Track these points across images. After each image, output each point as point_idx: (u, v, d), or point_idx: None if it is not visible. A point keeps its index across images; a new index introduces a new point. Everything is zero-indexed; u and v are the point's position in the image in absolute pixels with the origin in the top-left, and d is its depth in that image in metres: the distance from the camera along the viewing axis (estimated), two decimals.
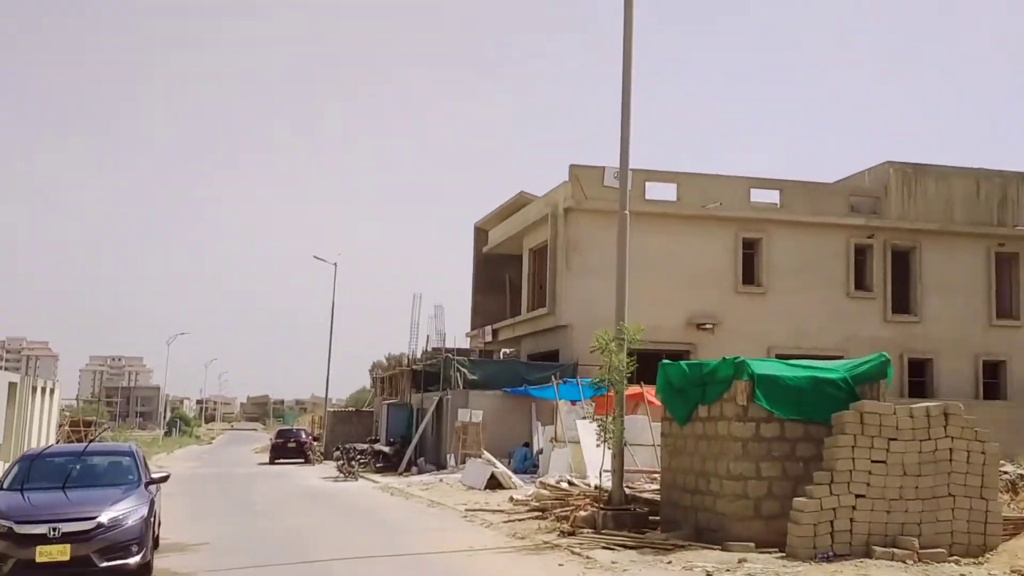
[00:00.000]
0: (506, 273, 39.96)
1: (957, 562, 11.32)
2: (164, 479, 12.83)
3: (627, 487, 15.78)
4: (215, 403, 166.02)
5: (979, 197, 34.44)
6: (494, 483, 22.40)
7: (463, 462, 26.36)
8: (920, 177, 34.29)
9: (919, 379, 33.03)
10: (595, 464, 18.28)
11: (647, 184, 31.70)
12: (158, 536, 13.14)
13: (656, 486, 17.27)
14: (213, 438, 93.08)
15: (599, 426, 15.38)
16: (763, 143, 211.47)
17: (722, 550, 12.21)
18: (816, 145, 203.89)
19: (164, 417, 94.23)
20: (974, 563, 11.33)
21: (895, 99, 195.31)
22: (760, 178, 34.06)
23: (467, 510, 18.48)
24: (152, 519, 11.50)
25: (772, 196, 33.62)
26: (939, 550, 11.55)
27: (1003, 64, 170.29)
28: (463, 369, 30.75)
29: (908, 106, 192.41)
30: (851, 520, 11.73)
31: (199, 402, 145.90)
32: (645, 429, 21.45)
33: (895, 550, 11.44)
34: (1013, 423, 25.83)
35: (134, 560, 10.60)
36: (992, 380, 33.80)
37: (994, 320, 33.83)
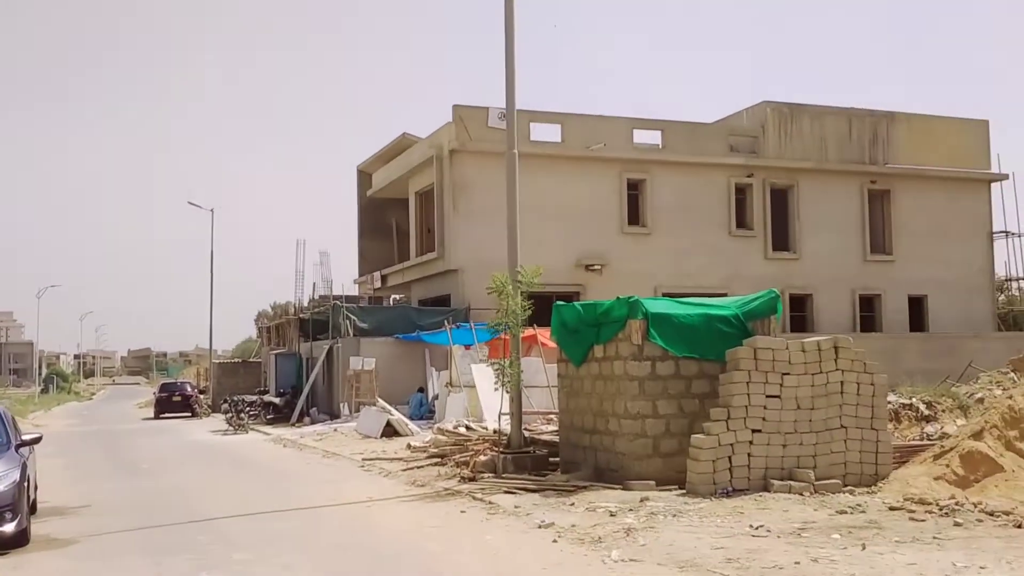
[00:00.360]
0: (392, 217, 39.26)
1: (851, 492, 11.66)
2: (36, 440, 12.04)
3: (525, 430, 15.74)
4: (94, 358, 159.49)
5: (851, 136, 35.58)
6: (390, 431, 22.10)
7: (357, 411, 25.95)
8: (796, 116, 35.14)
9: (799, 314, 34.23)
10: (492, 408, 18.23)
11: (532, 125, 31.43)
12: (35, 501, 12.46)
13: (553, 427, 17.33)
14: (93, 394, 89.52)
15: (497, 369, 15.23)
16: (643, 84, 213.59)
17: (623, 489, 12.28)
18: (695, 85, 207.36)
19: (39, 374, 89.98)
20: (867, 492, 11.69)
21: (770, 38, 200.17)
22: (642, 119, 34.24)
23: (364, 459, 18.14)
24: (26, 483, 10.81)
25: (654, 137, 33.94)
26: (834, 481, 11.89)
27: (873, 5, 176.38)
28: (353, 317, 30.16)
29: (783, 45, 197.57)
30: (748, 455, 11.93)
31: (77, 357, 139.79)
32: (539, 371, 21.53)
33: (792, 483, 11.71)
34: (888, 354, 26.87)
35: (9, 527, 9.99)
36: (868, 313, 35.32)
37: (868, 255, 35.24)
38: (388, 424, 22.23)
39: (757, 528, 9.67)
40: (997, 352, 27.50)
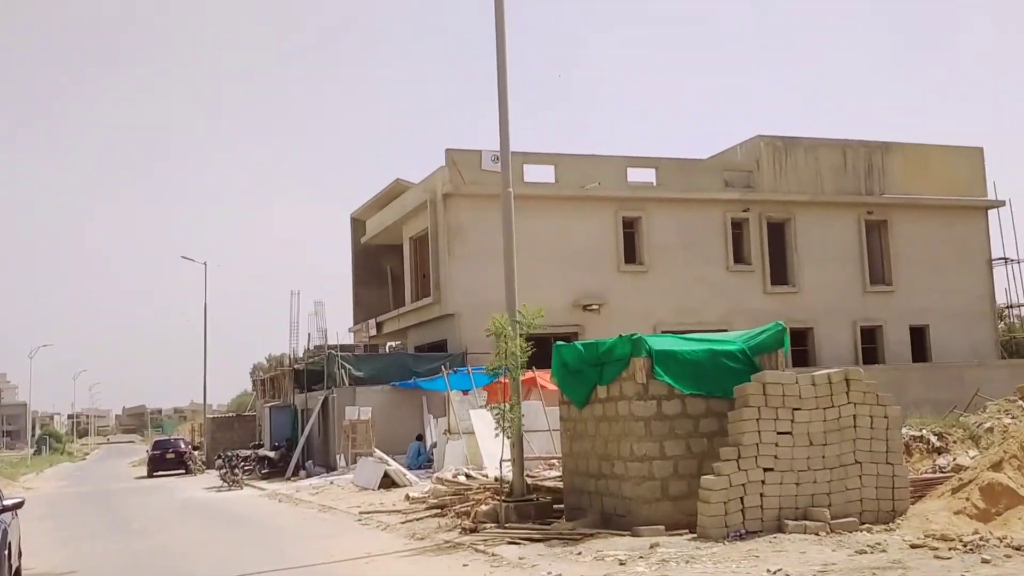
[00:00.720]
0: (387, 264, 39.06)
1: (869, 530, 11.14)
2: (19, 505, 11.52)
3: (527, 476, 15.25)
4: (88, 417, 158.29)
5: (846, 167, 35.46)
6: (388, 482, 21.51)
7: (354, 462, 25.37)
8: (790, 149, 35.03)
9: (801, 348, 33.73)
10: (492, 454, 17.74)
11: (525, 166, 31.33)
12: (18, 568, 11.92)
13: (556, 473, 16.83)
14: (87, 454, 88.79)
15: (496, 414, 14.77)
16: (637, 121, 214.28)
17: (632, 536, 11.78)
18: (688, 122, 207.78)
19: (32, 435, 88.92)
20: (886, 530, 11.17)
21: (762, 73, 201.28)
22: (636, 157, 34.16)
23: (361, 512, 17.58)
24: (7, 551, 10.30)
25: (649, 175, 33.83)
26: (850, 519, 11.36)
27: (863, 34, 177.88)
28: (348, 365, 29.73)
29: (775, 79, 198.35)
30: (761, 495, 11.43)
31: (71, 417, 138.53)
32: (540, 414, 21.05)
33: (807, 523, 11.19)
34: (893, 385, 26.26)
35: None
36: (870, 345, 34.90)
37: (868, 286, 34.91)
38: (386, 475, 21.65)
39: (775, 572, 9.18)
40: (1002, 380, 27.10)
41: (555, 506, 14.26)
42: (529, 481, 15.05)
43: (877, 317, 34.90)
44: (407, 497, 18.31)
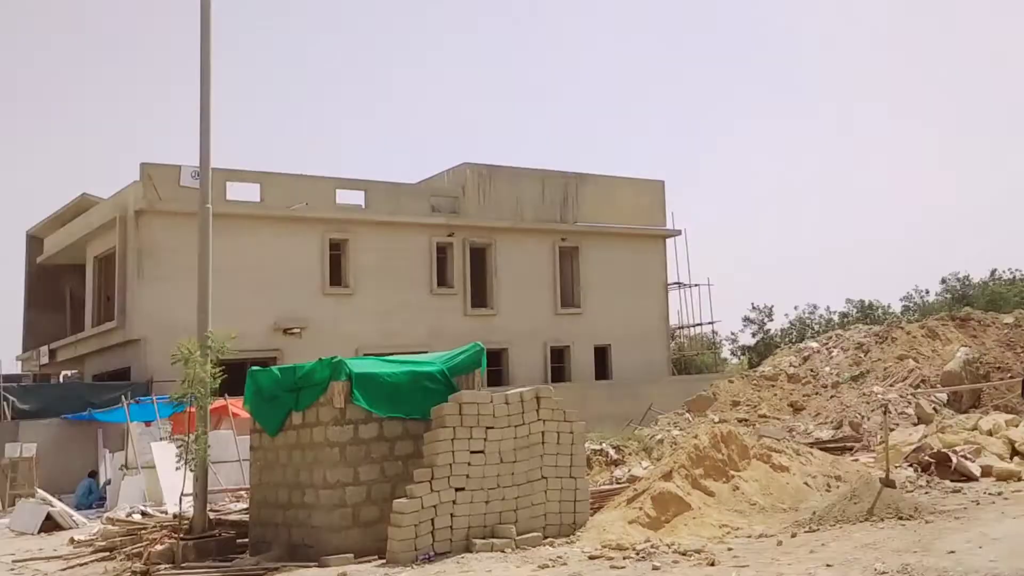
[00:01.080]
0: (67, 286, 35.74)
1: (552, 544, 11.41)
2: None
3: (212, 510, 14.26)
4: None
5: (544, 196, 37.20)
6: (51, 525, 19.13)
7: (13, 504, 22.55)
8: (494, 177, 36.23)
9: (496, 368, 34.72)
10: (174, 489, 16.40)
11: (228, 184, 30.00)
12: None
13: (243, 505, 15.91)
14: None
15: (180, 446, 13.66)
16: (347, 144, 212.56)
17: (318, 567, 11.27)
18: (398, 147, 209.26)
19: None
20: (567, 542, 11.49)
21: (472, 98, 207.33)
22: (346, 179, 33.98)
23: (15, 561, 15.43)
24: None
25: (358, 197, 33.69)
26: (534, 534, 11.58)
27: (575, 65, 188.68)
28: (12, 397, 26.62)
29: (479, 108, 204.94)
30: (451, 515, 11.35)
31: None
32: (230, 444, 20.00)
33: (495, 540, 11.25)
34: (578, 402, 27.65)
35: None
36: (558, 364, 36.69)
37: (559, 309, 36.70)
38: (49, 517, 19.25)
39: None
40: (673, 395, 29.28)
41: (240, 540, 13.40)
42: (212, 516, 14.07)
43: (566, 338, 36.76)
44: (72, 540, 16.41)
